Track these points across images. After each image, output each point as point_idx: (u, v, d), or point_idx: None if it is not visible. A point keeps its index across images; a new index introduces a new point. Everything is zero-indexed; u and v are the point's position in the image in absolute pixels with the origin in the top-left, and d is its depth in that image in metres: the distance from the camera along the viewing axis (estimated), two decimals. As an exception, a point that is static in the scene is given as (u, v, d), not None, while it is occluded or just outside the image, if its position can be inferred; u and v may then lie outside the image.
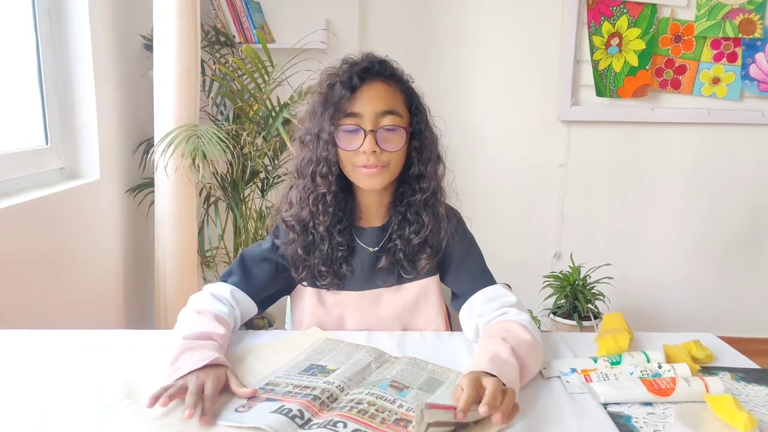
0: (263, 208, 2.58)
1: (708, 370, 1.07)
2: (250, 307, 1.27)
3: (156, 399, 0.90)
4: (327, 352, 1.12)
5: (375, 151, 1.15)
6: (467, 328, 1.23)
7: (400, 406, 0.92)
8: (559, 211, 2.99)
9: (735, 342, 1.23)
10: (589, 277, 2.64)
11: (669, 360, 1.07)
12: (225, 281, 1.27)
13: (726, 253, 3.00)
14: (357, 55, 1.23)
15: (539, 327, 1.33)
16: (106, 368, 1.06)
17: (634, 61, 2.77)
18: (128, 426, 0.87)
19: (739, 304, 3.05)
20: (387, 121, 1.17)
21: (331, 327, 1.28)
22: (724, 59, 2.77)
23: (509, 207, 2.99)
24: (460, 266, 1.29)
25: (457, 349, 1.17)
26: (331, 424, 0.86)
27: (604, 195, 2.98)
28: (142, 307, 2.54)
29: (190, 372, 0.96)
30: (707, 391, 0.94)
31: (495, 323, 1.15)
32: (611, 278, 2.65)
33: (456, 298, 1.30)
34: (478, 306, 1.21)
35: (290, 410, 0.88)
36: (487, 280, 1.27)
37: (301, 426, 0.86)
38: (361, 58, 1.22)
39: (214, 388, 0.94)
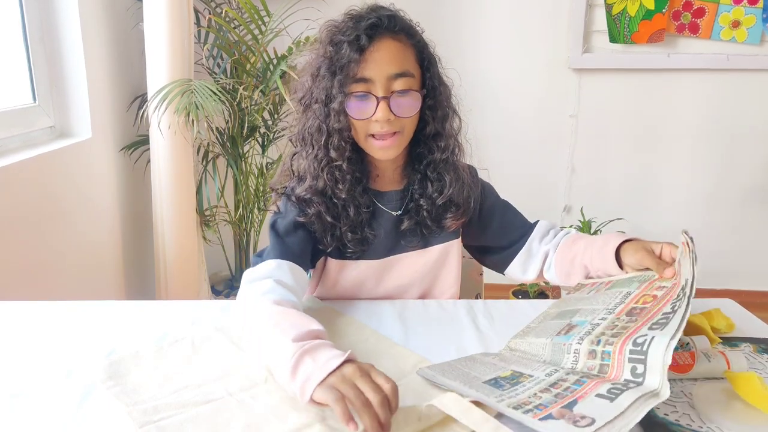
0: (263, 163, 2.51)
1: (729, 342, 1.01)
2: (306, 284, 1.15)
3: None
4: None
5: (389, 119, 1.07)
6: (529, 269, 1.28)
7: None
8: (569, 163, 2.90)
9: (752, 296, 1.17)
10: (600, 232, 2.57)
11: (687, 332, 1.00)
12: (272, 258, 1.11)
13: (742, 204, 2.92)
14: (361, 8, 1.12)
15: (548, 284, 1.32)
16: (91, 344, 1.00)
17: (650, 4, 2.63)
18: (109, 410, 0.82)
19: (756, 258, 2.98)
20: (399, 84, 1.08)
21: (347, 295, 1.22)
22: (745, 1, 2.62)
23: (517, 159, 2.90)
24: (503, 219, 1.31)
25: (461, 319, 1.11)
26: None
27: (616, 146, 2.88)
28: (142, 270, 2.50)
29: (326, 378, 0.77)
30: (729, 368, 0.88)
31: (571, 240, 1.22)
32: (623, 233, 2.57)
33: (498, 253, 1.31)
34: (537, 245, 1.27)
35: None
36: (527, 220, 1.33)
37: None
38: (366, 11, 1.11)
39: (375, 388, 0.75)
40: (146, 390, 0.86)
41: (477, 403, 0.78)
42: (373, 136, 1.11)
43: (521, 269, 1.28)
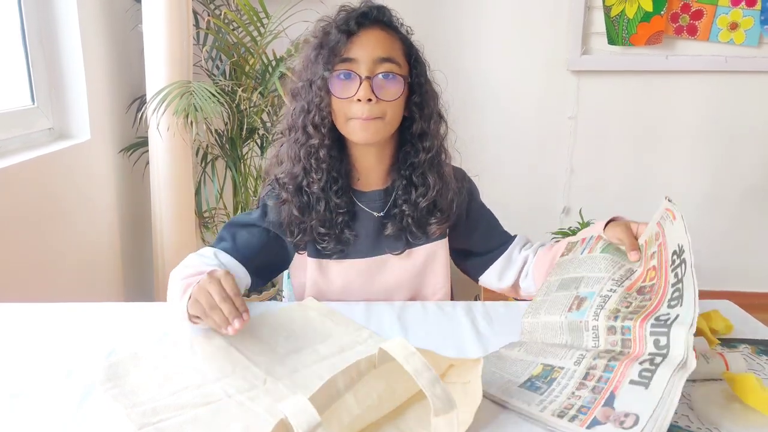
0: (262, 165, 2.51)
1: (727, 343, 1.01)
2: (239, 273, 1.18)
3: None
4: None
5: (370, 99, 1.08)
6: (505, 276, 1.30)
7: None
8: (568, 165, 2.90)
9: (751, 297, 1.17)
10: (599, 234, 2.56)
11: (686, 333, 1.00)
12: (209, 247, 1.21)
13: (741, 205, 2.91)
14: (354, 3, 1.16)
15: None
16: (90, 346, 1.00)
17: (648, 6, 2.64)
18: (107, 412, 0.82)
19: (755, 258, 2.97)
20: (384, 68, 1.10)
21: (334, 297, 1.22)
22: (743, 3, 2.62)
23: (516, 160, 2.90)
24: (488, 224, 1.33)
25: (459, 321, 1.11)
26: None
27: (615, 148, 2.88)
28: (141, 271, 2.49)
29: (191, 294, 0.97)
30: (727, 369, 0.88)
31: (549, 246, 1.26)
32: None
33: (479, 257, 1.32)
34: (517, 252, 1.30)
35: None
36: (506, 231, 1.35)
37: None
38: (358, 5, 1.15)
39: (232, 283, 0.95)
40: (145, 392, 0.86)
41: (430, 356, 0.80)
42: (353, 119, 1.12)
43: (498, 276, 1.31)
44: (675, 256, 0.86)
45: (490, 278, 1.32)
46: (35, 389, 0.87)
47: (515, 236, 1.33)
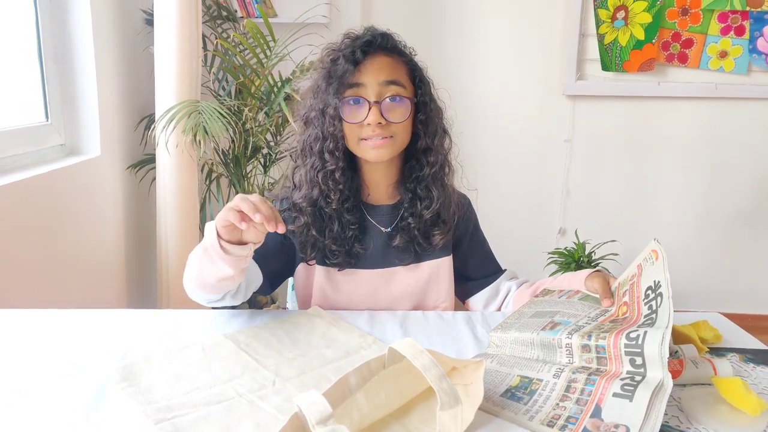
0: (266, 184, 2.56)
1: (716, 351, 1.05)
2: (254, 272, 1.21)
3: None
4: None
5: (380, 123, 1.14)
6: (491, 305, 1.36)
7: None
8: (564, 187, 2.96)
9: (741, 319, 1.21)
10: (594, 254, 2.61)
11: (676, 341, 1.05)
12: None
13: (732, 230, 2.97)
14: (359, 30, 1.21)
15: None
16: (103, 349, 1.03)
17: (640, 35, 2.72)
18: (123, 409, 0.85)
19: (745, 280, 3.03)
20: (391, 91, 1.15)
21: (339, 306, 1.26)
22: (732, 33, 2.71)
23: (513, 182, 2.96)
24: (484, 250, 1.39)
25: (459, 329, 1.15)
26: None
27: (609, 170, 2.95)
28: (145, 286, 2.53)
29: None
30: (715, 374, 0.92)
31: (532, 282, 1.31)
32: (616, 254, 2.62)
33: (472, 280, 1.37)
34: (504, 284, 1.35)
35: None
36: (498, 263, 1.41)
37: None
38: (362, 32, 1.20)
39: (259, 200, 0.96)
40: (159, 391, 0.89)
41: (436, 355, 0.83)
42: (365, 139, 1.17)
43: (484, 303, 1.36)
44: (650, 291, 0.91)
45: (476, 303, 1.37)
46: (52, 390, 0.90)
47: (505, 270, 1.39)
